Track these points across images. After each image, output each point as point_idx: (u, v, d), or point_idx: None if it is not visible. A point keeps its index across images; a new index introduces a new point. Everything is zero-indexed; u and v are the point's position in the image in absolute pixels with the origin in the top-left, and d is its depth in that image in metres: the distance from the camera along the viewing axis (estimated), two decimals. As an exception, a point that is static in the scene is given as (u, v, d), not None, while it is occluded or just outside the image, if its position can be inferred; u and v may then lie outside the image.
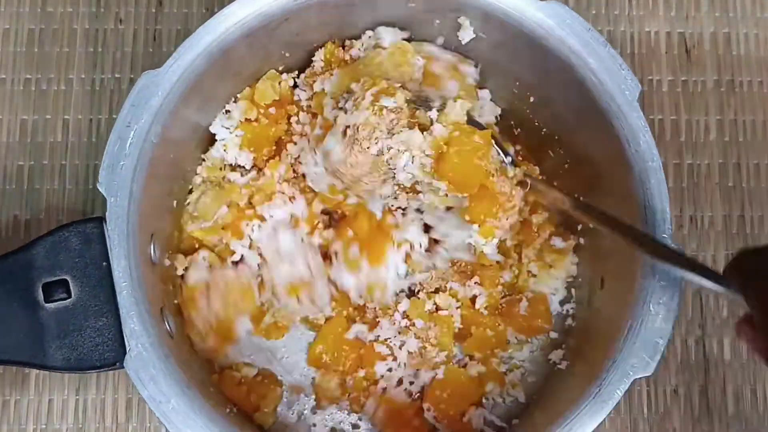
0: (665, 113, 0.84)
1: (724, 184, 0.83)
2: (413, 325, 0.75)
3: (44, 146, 0.81)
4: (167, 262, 0.71)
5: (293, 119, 0.76)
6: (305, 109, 0.76)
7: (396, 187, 0.71)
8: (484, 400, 0.75)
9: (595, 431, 0.76)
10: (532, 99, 0.74)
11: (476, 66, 0.76)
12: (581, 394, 0.61)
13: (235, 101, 0.74)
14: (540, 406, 0.73)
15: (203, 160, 0.76)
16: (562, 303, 0.77)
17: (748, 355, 0.79)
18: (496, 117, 0.78)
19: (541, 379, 0.76)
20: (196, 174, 0.75)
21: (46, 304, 0.60)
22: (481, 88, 0.78)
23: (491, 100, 0.78)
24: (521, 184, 0.69)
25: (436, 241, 0.75)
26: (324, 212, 0.76)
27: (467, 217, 0.69)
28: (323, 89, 0.74)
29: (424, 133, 0.66)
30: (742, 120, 0.84)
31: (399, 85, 0.68)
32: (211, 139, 0.76)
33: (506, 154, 0.70)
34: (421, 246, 0.74)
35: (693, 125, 0.84)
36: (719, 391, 0.79)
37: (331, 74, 0.73)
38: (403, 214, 0.74)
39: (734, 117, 0.84)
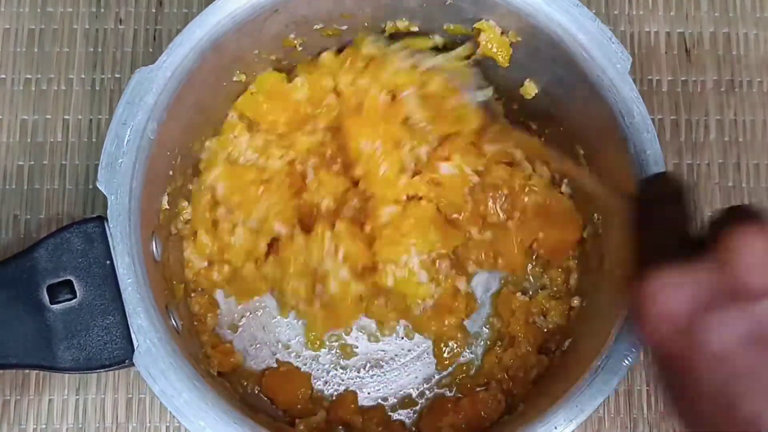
0: (665, 113, 0.84)
1: (723, 184, 0.83)
2: None
3: (44, 146, 0.81)
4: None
5: None
6: None
7: None
8: None
9: (594, 430, 0.77)
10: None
11: None
12: (577, 378, 0.61)
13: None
14: (533, 394, 0.72)
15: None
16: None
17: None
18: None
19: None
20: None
21: (52, 306, 0.59)
22: None
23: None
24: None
25: None
26: None
27: None
28: None
29: None
30: (742, 120, 0.84)
31: None
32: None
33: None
34: None
35: (693, 125, 0.84)
36: (719, 390, 0.79)
37: None
38: None
39: (734, 117, 0.84)
